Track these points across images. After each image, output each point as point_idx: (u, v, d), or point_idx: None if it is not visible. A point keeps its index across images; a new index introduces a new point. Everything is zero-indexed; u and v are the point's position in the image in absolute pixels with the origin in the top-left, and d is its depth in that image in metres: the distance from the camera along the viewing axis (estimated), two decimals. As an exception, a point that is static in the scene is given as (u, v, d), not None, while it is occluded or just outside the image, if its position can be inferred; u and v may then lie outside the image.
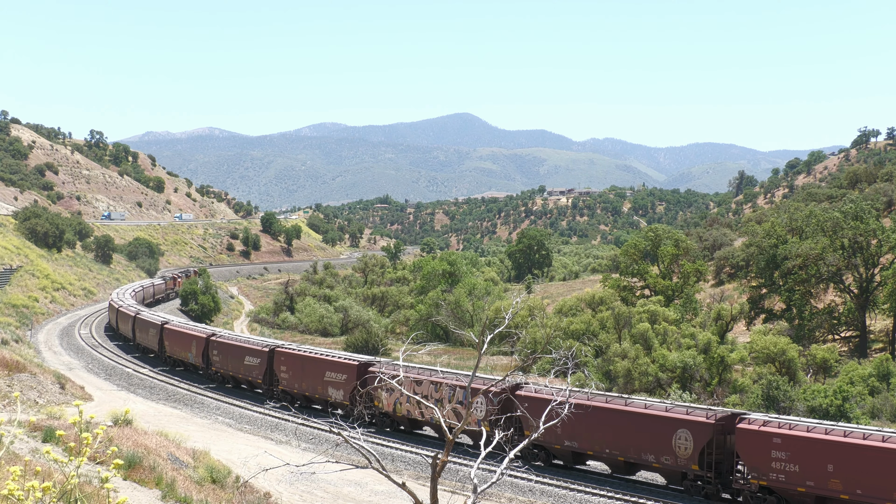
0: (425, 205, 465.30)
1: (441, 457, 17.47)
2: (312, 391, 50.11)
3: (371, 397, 46.02)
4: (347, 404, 46.83)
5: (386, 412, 45.46)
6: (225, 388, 58.56)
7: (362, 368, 46.85)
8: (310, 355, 51.39)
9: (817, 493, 29.65)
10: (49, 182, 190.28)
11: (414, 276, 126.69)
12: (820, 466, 29.46)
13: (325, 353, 53.18)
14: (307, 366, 50.72)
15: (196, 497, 23.90)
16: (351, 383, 46.98)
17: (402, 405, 44.42)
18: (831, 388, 48.98)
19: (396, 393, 43.96)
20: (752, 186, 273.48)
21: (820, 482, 29.44)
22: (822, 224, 75.05)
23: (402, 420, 44.81)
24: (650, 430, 33.89)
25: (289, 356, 52.44)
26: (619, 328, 70.88)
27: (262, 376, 54.20)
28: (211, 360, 60.23)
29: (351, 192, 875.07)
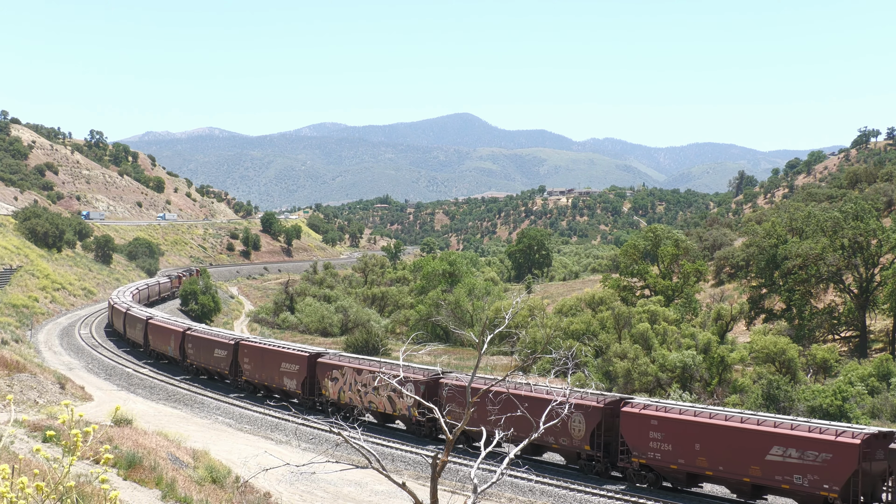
0: (425, 205, 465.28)
1: (441, 457, 17.47)
2: (270, 381, 52.79)
3: (319, 386, 48.86)
4: (300, 393, 49.98)
5: (332, 400, 47.97)
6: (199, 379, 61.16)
7: (312, 360, 49.73)
8: (268, 347, 54.11)
9: (688, 469, 32.93)
10: (49, 182, 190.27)
11: (414, 276, 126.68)
12: (689, 445, 32.64)
13: (282, 345, 56.02)
14: (266, 357, 53.29)
15: (196, 497, 23.90)
16: (303, 374, 49.91)
17: (345, 393, 47.25)
18: (831, 388, 48.98)
19: (340, 382, 47.16)
20: (752, 186, 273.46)
21: (689, 460, 32.69)
22: (822, 224, 75.03)
23: (346, 407, 46.79)
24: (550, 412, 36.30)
25: (251, 348, 55.13)
26: (619, 328, 70.87)
27: (229, 367, 57.00)
28: (186, 352, 62.64)
29: (351, 192, 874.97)
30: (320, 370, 49.14)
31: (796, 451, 30.11)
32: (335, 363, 48.52)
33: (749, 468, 31.08)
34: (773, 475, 30.61)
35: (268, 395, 54.38)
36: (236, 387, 57.14)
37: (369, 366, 46.46)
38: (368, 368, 45.94)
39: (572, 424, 35.68)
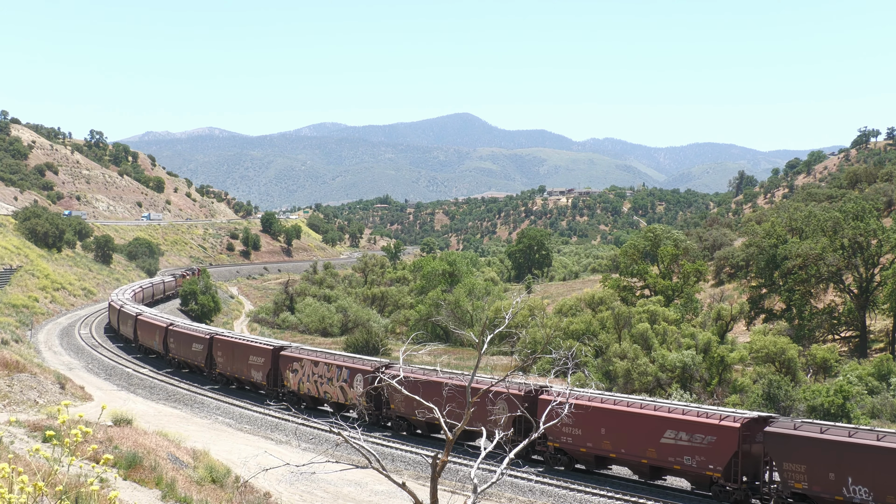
0: (425, 205, 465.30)
1: (441, 457, 17.47)
2: (240, 373, 55.41)
3: (282, 378, 51.78)
4: (265, 384, 52.84)
5: (293, 391, 50.79)
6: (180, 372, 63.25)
7: (276, 353, 52.42)
8: (237, 341, 56.74)
9: (595, 452, 35.97)
10: (49, 182, 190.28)
11: (414, 276, 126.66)
12: (596, 430, 35.62)
13: (250, 339, 58.96)
14: (236, 351, 55.99)
15: (196, 497, 23.90)
16: (267, 366, 52.71)
17: (304, 384, 49.89)
18: (831, 388, 48.99)
19: (300, 374, 50.04)
20: (752, 186, 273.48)
21: (596, 443, 35.72)
22: (822, 224, 75.03)
23: (305, 397, 50.12)
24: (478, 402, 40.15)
25: (223, 342, 57.71)
26: (618, 328, 70.85)
27: (204, 361, 59.41)
28: (169, 347, 65.17)
29: (351, 192, 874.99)
30: (283, 363, 51.75)
31: (686, 435, 32.69)
32: (296, 356, 51.12)
33: (647, 450, 33.80)
34: (666, 457, 33.18)
35: (240, 387, 56.70)
36: (212, 379, 59.41)
37: (325, 358, 49.49)
38: (324, 361, 48.86)
39: (494, 410, 37.80)
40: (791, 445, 30.61)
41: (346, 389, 46.75)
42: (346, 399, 46.87)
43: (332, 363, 48.24)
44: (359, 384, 45.90)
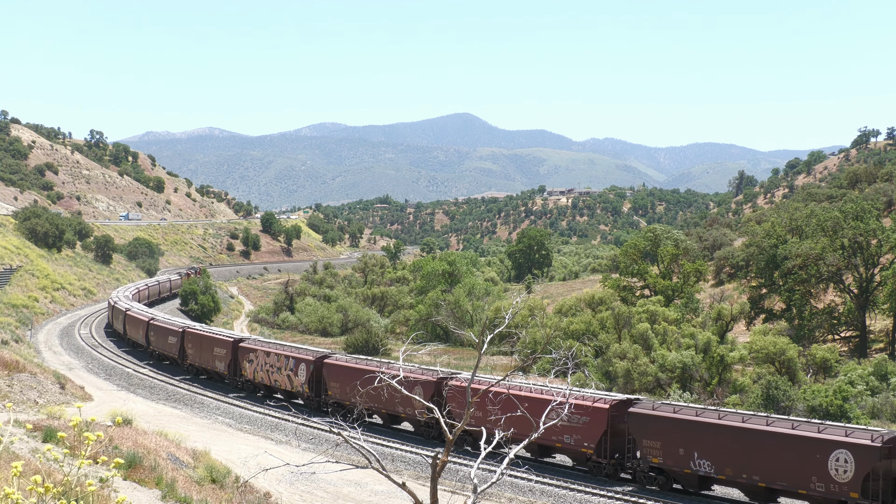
0: (425, 205, 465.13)
1: (441, 457, 17.48)
2: (207, 364, 58.87)
3: (240, 367, 55.44)
4: (226, 374, 56.58)
5: (249, 379, 54.70)
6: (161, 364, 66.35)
7: (235, 344, 56.09)
8: (204, 333, 60.52)
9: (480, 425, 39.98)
10: (49, 182, 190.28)
11: (414, 276, 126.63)
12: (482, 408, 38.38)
13: (216, 331, 62.82)
14: (203, 343, 59.56)
15: (196, 497, 23.90)
16: (228, 356, 56.32)
17: (258, 373, 53.72)
18: (831, 388, 48.99)
19: (255, 364, 53.89)
20: (752, 186, 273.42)
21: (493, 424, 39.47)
22: (822, 224, 75.02)
23: (260, 386, 54.06)
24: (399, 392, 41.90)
25: (192, 335, 61.22)
26: (618, 328, 70.85)
27: (178, 352, 62.83)
28: (150, 340, 68.33)
29: (351, 192, 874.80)
30: (241, 353, 55.55)
31: (584, 419, 35.64)
32: (252, 347, 54.98)
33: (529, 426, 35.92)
34: (551, 436, 36.05)
35: (209, 378, 59.92)
36: (184, 370, 62.60)
37: (275, 349, 53.43)
38: (275, 351, 52.87)
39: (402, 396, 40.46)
40: (649, 424, 33.91)
41: (293, 377, 50.50)
42: (293, 387, 50.69)
43: (281, 353, 52.02)
44: (302, 372, 49.83)
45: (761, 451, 31.12)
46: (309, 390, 49.44)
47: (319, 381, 49.11)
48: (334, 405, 47.61)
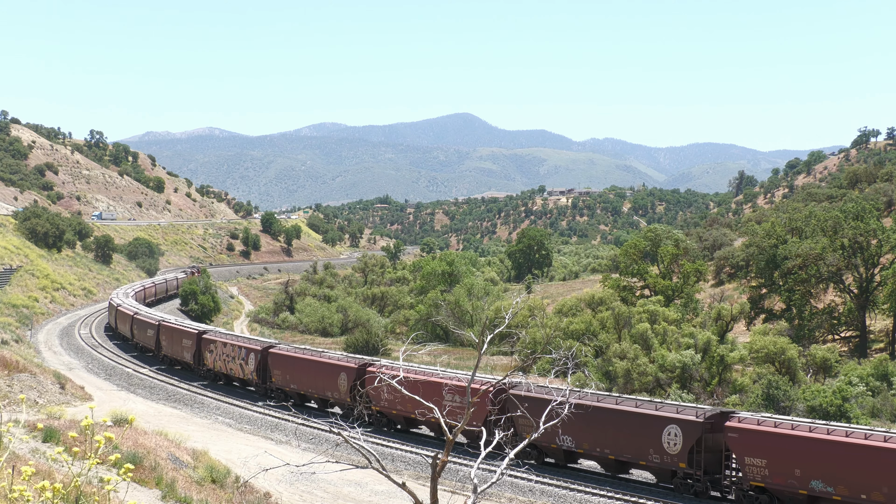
0: (425, 205, 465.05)
1: (441, 457, 17.48)
2: (176, 354, 63.17)
3: (203, 358, 59.75)
4: (192, 363, 60.95)
5: (210, 368, 58.99)
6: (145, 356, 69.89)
7: (199, 336, 60.45)
8: (175, 326, 64.81)
9: (403, 415, 44.72)
10: (49, 182, 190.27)
11: (414, 276, 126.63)
12: (400, 396, 42.06)
13: (186, 324, 66.99)
14: (174, 335, 63.78)
15: (196, 497, 23.91)
16: (193, 347, 60.45)
17: (217, 363, 58.15)
18: (831, 389, 48.99)
19: (215, 354, 58.04)
20: (752, 186, 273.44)
21: (404, 407, 44.09)
22: (822, 224, 75.04)
23: (219, 374, 58.41)
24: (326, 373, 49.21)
25: (166, 328, 65.54)
26: (618, 328, 70.85)
27: (155, 344, 67.15)
28: (133, 333, 72.37)
29: (351, 192, 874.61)
30: (203, 344, 59.89)
31: (459, 398, 41.04)
32: (212, 338, 59.31)
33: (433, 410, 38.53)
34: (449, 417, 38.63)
35: (183, 368, 63.59)
36: (160, 360, 66.77)
37: (231, 340, 58.11)
38: (230, 342, 57.36)
39: (339, 382, 47.57)
40: (521, 403, 37.43)
41: (244, 366, 54.94)
42: (244, 374, 55.12)
43: (235, 344, 56.52)
44: (252, 361, 54.26)
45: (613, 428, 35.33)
46: (257, 377, 53.84)
47: (265, 369, 53.33)
48: (278, 391, 52.44)
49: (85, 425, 7.92)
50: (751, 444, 31.86)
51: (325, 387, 48.65)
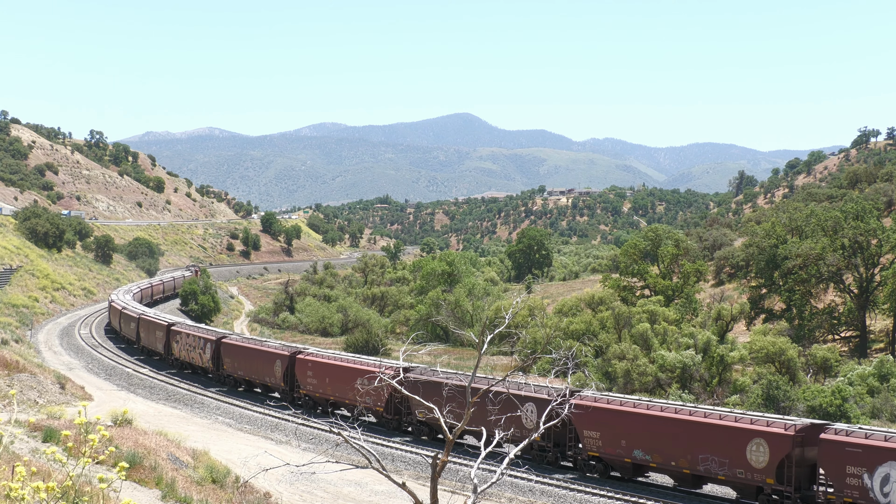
0: (425, 205, 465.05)
1: (441, 457, 17.48)
2: (151, 345, 68.72)
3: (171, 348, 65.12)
4: (162, 353, 66.11)
5: (176, 358, 63.99)
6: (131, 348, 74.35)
7: (168, 328, 65.69)
8: (151, 319, 69.80)
9: (324, 397, 49.39)
10: (49, 182, 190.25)
11: (414, 276, 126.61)
12: (322, 380, 49.46)
13: (162, 317, 71.69)
14: (150, 327, 69.03)
15: (196, 497, 23.90)
16: (164, 339, 65.68)
17: (181, 353, 63.33)
18: (831, 389, 48.97)
19: (181, 344, 63.30)
20: (752, 186, 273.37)
21: (324, 391, 49.45)
22: (822, 224, 75.02)
23: (184, 363, 63.44)
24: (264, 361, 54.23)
25: (144, 321, 70.58)
26: (619, 328, 70.83)
27: (135, 336, 72.32)
28: (121, 326, 77.77)
29: (351, 192, 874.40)
30: (171, 336, 64.86)
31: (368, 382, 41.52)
32: (179, 330, 64.28)
33: (348, 393, 46.82)
34: (357, 398, 44.69)
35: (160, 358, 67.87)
36: (139, 351, 71.73)
37: (193, 331, 63.30)
38: (192, 333, 62.49)
39: (274, 369, 53.00)
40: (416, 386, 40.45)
41: (202, 355, 59.72)
42: (202, 362, 59.99)
43: (195, 335, 61.29)
44: (208, 350, 58.93)
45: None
46: (212, 366, 58.67)
47: (218, 358, 58.09)
48: (228, 377, 57.53)
49: (79, 423, 7.91)
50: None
51: (265, 373, 53.63)
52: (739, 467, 31.82)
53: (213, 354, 58.51)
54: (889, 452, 28.83)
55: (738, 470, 31.88)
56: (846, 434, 30.38)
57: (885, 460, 28.75)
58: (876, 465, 28.91)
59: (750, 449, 31.52)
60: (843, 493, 29.59)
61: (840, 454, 29.87)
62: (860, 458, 29.34)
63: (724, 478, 32.84)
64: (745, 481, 32.06)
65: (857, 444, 29.56)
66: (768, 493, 31.64)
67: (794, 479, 30.92)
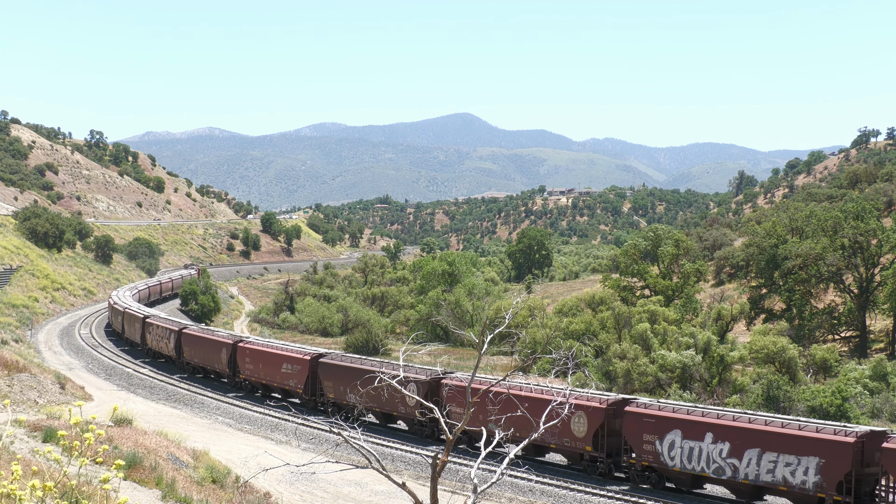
0: (425, 205, 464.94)
1: (441, 457, 17.48)
2: (132, 336, 74.04)
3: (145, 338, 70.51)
4: (139, 343, 72.20)
5: (150, 347, 69.67)
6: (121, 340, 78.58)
7: (144, 319, 70.73)
8: (132, 312, 74.62)
9: (261, 381, 54.53)
10: (49, 182, 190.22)
11: (414, 276, 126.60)
12: (257, 365, 54.60)
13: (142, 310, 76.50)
14: (132, 320, 73.91)
15: (196, 497, 23.90)
16: (140, 330, 71.21)
17: (153, 342, 68.76)
18: (831, 389, 48.98)
19: (152, 335, 68.67)
20: (752, 186, 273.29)
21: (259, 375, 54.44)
22: (822, 224, 75.01)
23: (155, 352, 68.95)
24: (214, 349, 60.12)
25: (126, 314, 75.94)
26: (618, 328, 70.83)
27: (121, 328, 77.55)
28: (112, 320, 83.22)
29: (351, 192, 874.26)
30: (146, 327, 70.50)
31: (291, 366, 51.40)
32: (152, 322, 69.51)
33: (276, 377, 52.63)
34: (284, 381, 52.03)
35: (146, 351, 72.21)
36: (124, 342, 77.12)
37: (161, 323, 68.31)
38: (161, 325, 67.55)
39: (221, 355, 57.99)
40: (327, 370, 48.94)
41: (168, 344, 65.36)
42: (168, 351, 65.52)
43: (162, 326, 67.08)
44: (172, 340, 64.34)
45: None
46: (175, 354, 63.93)
47: (180, 347, 63.29)
48: (187, 365, 62.91)
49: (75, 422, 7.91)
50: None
51: (214, 360, 59.22)
52: (566, 437, 36.82)
53: (176, 344, 63.81)
54: (675, 422, 33.74)
55: (565, 439, 36.98)
56: (644, 407, 35.34)
57: (672, 429, 33.73)
58: (665, 433, 33.85)
59: (573, 421, 36.22)
60: (641, 458, 34.87)
61: (639, 424, 34.79)
62: (653, 427, 34.22)
63: (555, 446, 38.04)
64: (571, 449, 37.45)
65: (651, 416, 34.41)
66: (588, 459, 36.75)
67: (606, 447, 35.93)
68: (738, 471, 31.72)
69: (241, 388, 56.25)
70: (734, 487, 32.65)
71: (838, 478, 29.76)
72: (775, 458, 30.90)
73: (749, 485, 31.73)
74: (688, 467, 33.19)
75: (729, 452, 31.97)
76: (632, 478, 35.30)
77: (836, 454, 29.78)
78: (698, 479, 33.65)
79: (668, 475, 34.22)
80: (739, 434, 31.83)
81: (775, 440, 30.94)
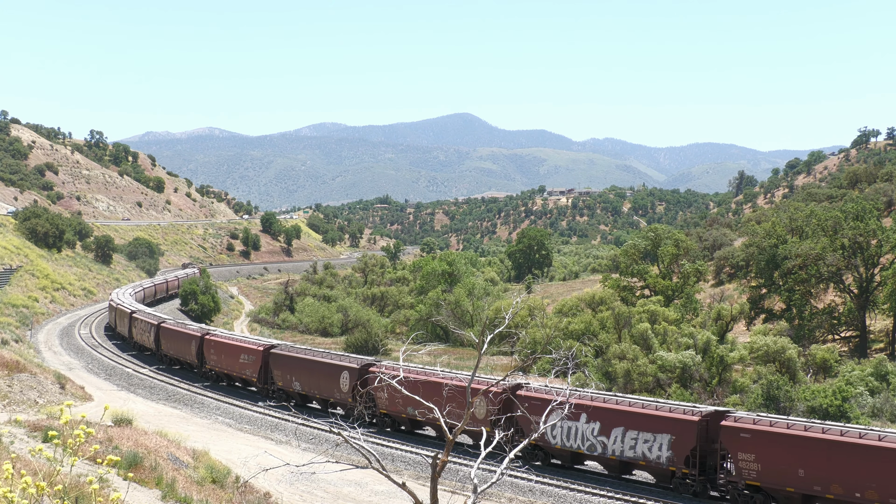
0: (425, 205, 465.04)
1: (441, 457, 17.48)
2: (122, 330, 77.37)
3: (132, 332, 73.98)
4: (127, 337, 75.38)
5: (136, 341, 73.06)
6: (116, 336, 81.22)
7: (131, 314, 74.47)
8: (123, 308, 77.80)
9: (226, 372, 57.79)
10: (49, 182, 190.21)
11: (414, 276, 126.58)
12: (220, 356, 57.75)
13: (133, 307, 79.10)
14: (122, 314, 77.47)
15: (196, 497, 23.90)
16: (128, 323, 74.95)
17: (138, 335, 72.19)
18: (831, 389, 48.96)
19: (138, 328, 72.03)
20: (752, 186, 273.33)
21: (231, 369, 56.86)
22: (822, 224, 74.98)
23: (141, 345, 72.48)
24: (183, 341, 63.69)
25: (117, 310, 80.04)
26: (618, 328, 70.81)
27: (114, 323, 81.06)
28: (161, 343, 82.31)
29: (351, 192, 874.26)
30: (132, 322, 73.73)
31: (248, 357, 54.37)
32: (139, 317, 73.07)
33: (235, 366, 55.98)
34: (242, 370, 55.35)
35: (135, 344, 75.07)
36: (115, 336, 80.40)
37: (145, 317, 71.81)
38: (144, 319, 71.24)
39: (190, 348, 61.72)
40: (280, 361, 52.09)
41: (148, 338, 69.16)
42: (149, 344, 69.23)
43: (144, 320, 70.81)
44: (152, 333, 68.22)
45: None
46: (155, 346, 68.20)
47: (158, 340, 67.43)
48: (164, 356, 66.95)
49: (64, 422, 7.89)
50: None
51: (185, 352, 62.73)
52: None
53: (155, 337, 67.47)
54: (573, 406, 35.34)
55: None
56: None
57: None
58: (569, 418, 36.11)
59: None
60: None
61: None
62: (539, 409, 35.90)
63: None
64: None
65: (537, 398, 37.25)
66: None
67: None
68: (606, 447, 35.60)
69: (208, 377, 59.87)
70: (605, 462, 36.45)
71: (686, 453, 33.09)
72: (636, 435, 34.60)
73: (616, 460, 35.41)
74: (567, 445, 37.13)
75: (599, 431, 35.83)
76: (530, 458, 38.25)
77: (684, 431, 33.20)
78: (577, 456, 37.42)
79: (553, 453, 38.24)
80: (607, 414, 35.63)
81: (636, 419, 34.63)
